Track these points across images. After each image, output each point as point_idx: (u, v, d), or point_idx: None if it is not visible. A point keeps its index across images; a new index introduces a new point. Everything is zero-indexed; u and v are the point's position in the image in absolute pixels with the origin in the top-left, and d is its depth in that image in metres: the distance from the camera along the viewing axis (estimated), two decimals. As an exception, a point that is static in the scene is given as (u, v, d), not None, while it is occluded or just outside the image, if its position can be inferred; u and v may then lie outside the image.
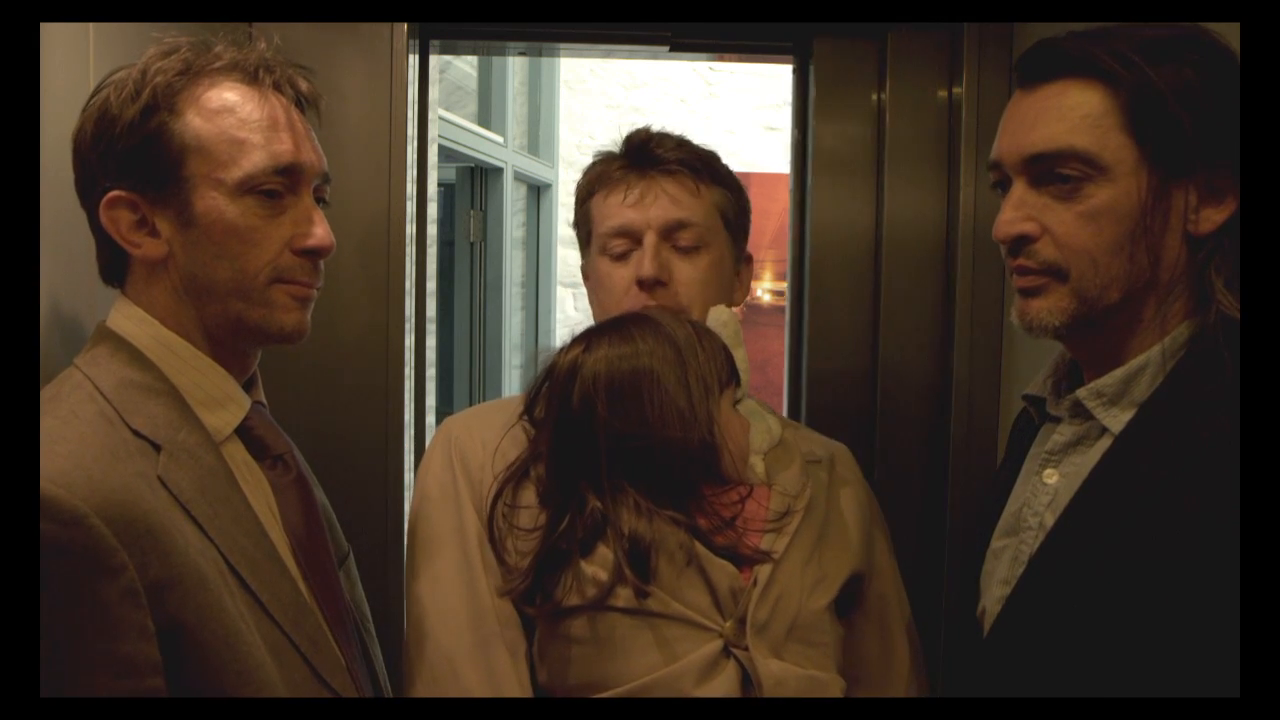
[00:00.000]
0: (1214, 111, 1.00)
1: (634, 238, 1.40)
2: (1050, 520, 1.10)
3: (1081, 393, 1.09)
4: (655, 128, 1.47)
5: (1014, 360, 1.84)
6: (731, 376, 1.29)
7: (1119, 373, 1.07)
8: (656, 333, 1.26)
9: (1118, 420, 1.06)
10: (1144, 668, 0.97)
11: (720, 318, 1.36)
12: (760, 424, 1.36)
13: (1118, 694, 0.97)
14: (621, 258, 1.41)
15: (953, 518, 1.87)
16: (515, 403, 1.36)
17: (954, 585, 1.26)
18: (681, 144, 1.45)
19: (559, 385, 1.26)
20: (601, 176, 1.45)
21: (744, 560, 1.23)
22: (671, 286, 1.39)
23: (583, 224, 1.48)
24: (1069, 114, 1.04)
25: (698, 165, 1.44)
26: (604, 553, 1.20)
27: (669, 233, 1.40)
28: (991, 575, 1.17)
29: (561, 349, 1.29)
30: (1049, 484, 1.12)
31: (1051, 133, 1.04)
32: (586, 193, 1.47)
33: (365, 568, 1.36)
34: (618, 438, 1.21)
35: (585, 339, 1.28)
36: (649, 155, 1.43)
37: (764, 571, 1.23)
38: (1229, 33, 1.02)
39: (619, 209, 1.41)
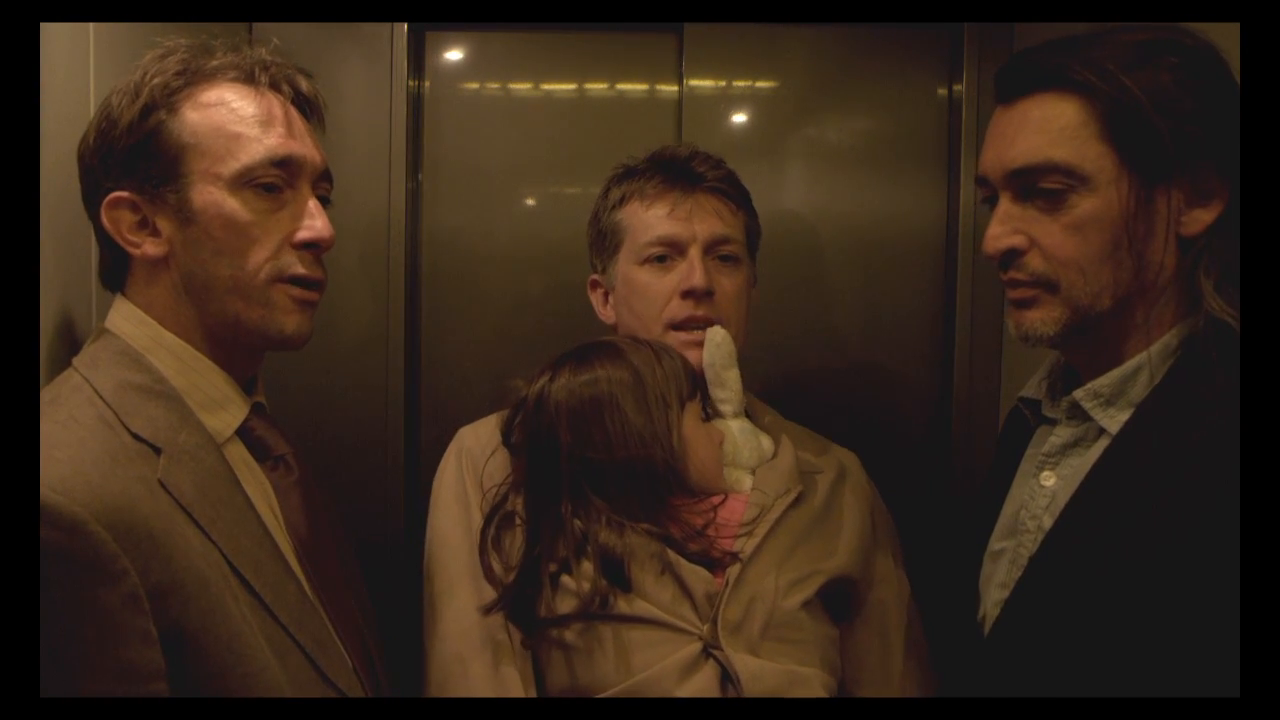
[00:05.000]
0: (1195, 113, 1.01)
1: (677, 248, 1.43)
2: (1049, 522, 1.10)
3: (1079, 394, 1.10)
4: (690, 147, 1.51)
5: (1014, 360, 1.84)
6: (694, 393, 1.36)
7: (1115, 373, 1.07)
8: (616, 358, 1.35)
9: (1115, 421, 1.07)
10: (1144, 668, 0.97)
11: (715, 339, 1.40)
12: (750, 441, 1.41)
13: (1118, 695, 0.97)
14: (661, 265, 1.43)
15: (953, 518, 1.87)
16: None
17: (952, 587, 1.26)
18: (719, 164, 1.50)
19: (529, 415, 1.34)
20: (640, 189, 1.47)
21: (715, 564, 1.29)
22: (716, 298, 1.42)
23: (610, 234, 1.49)
24: (1047, 127, 1.04)
25: (736, 186, 1.50)
26: (584, 567, 1.27)
27: (712, 246, 1.44)
28: (990, 578, 1.17)
29: (531, 379, 1.36)
30: (1047, 486, 1.12)
31: (1031, 146, 1.05)
32: (619, 200, 1.49)
33: (366, 567, 1.36)
34: (584, 460, 1.30)
35: (551, 369, 1.36)
36: (692, 173, 1.47)
37: (734, 573, 1.28)
38: (1229, 33, 1.02)
39: (663, 220, 1.44)
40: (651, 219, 1.44)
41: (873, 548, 1.42)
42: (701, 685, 1.22)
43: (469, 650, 1.29)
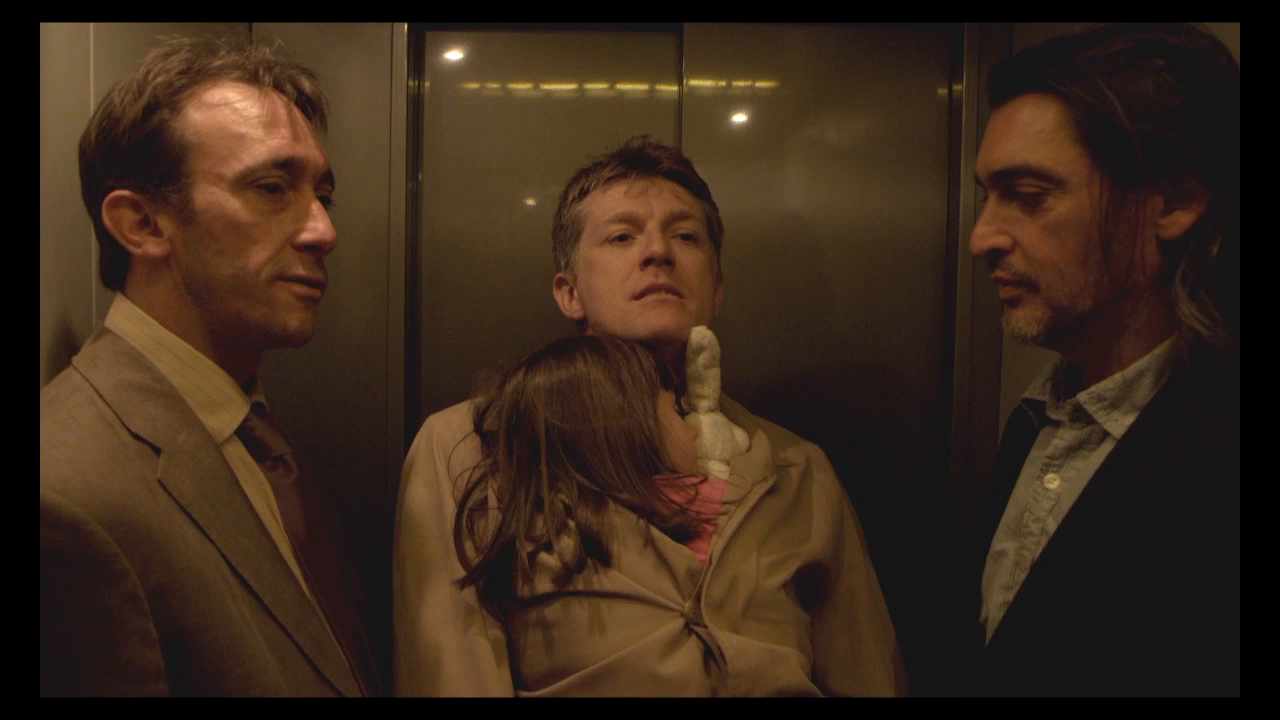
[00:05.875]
0: (1176, 116, 1.00)
1: (635, 224, 1.46)
2: (1052, 525, 1.09)
3: (1082, 396, 1.09)
4: (643, 138, 1.54)
5: (1014, 361, 1.84)
6: (663, 384, 1.39)
7: (1119, 376, 1.07)
8: (591, 345, 1.40)
9: (1119, 424, 1.06)
10: (1147, 672, 0.97)
11: (703, 339, 1.42)
12: (724, 434, 1.43)
13: (1121, 697, 0.97)
14: (621, 243, 1.46)
15: (953, 519, 1.87)
16: None
17: (954, 588, 1.26)
18: (675, 153, 1.54)
19: (507, 401, 1.36)
20: (598, 177, 1.51)
21: (694, 536, 1.30)
22: (677, 268, 1.44)
23: (572, 225, 1.52)
24: (1024, 130, 1.06)
25: (692, 174, 1.53)
26: (564, 543, 1.27)
27: (670, 222, 1.46)
28: (993, 580, 1.17)
29: (506, 373, 1.39)
30: (1050, 489, 1.12)
31: (1010, 149, 1.07)
32: (579, 194, 1.52)
33: (363, 567, 1.36)
34: (562, 433, 1.32)
35: (527, 363, 1.40)
36: (647, 158, 1.50)
37: (717, 550, 1.30)
38: (1228, 33, 1.02)
39: (621, 199, 1.47)
40: (609, 200, 1.47)
41: (842, 537, 1.45)
42: (684, 662, 1.23)
43: (441, 628, 1.29)
